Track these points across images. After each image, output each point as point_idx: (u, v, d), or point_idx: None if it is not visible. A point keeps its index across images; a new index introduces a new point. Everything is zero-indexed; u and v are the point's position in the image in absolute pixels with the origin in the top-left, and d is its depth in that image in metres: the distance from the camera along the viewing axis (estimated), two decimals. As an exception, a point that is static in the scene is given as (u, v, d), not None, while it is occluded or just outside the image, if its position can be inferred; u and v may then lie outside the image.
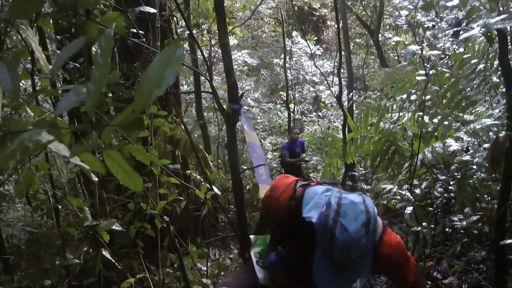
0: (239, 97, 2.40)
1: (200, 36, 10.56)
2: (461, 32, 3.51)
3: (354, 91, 15.22)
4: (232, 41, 10.21)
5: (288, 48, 14.86)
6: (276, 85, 20.28)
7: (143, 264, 4.39)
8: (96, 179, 2.77)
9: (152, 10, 2.54)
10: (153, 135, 4.02)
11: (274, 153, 12.86)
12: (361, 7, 10.92)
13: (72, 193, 4.85)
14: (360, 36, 11.78)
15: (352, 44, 12.88)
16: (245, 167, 8.24)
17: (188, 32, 7.32)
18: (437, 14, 3.53)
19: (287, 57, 14.75)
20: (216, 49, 10.92)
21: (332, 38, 17.24)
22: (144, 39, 2.94)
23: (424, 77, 3.72)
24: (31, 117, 2.63)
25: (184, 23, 7.47)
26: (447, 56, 3.66)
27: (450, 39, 3.64)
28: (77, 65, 3.36)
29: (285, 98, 15.02)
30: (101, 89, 1.05)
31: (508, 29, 3.62)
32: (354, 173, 6.94)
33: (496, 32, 3.53)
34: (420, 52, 3.56)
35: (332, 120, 13.92)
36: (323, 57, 19.99)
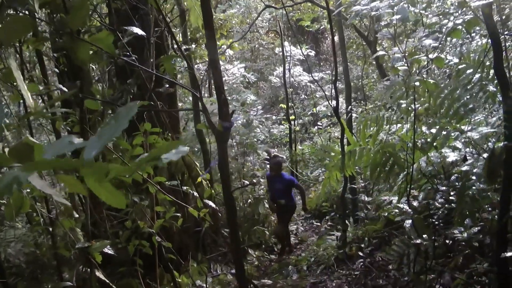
0: (230, 114, 2.38)
1: (198, 51, 10.58)
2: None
3: (355, 102, 15.24)
4: (228, 52, 10.24)
5: (287, 60, 14.91)
6: (277, 97, 20.32)
7: (142, 282, 4.35)
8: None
9: (140, 32, 2.51)
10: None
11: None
12: (358, 18, 10.94)
13: (67, 212, 4.82)
14: (358, 46, 11.78)
15: (351, 54, 12.89)
16: (241, 184, 8.21)
17: (185, 47, 7.34)
18: (416, 22, 3.53)
19: (286, 68, 14.79)
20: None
21: (331, 49, 17.27)
22: (135, 57, 2.92)
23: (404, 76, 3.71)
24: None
25: (181, 38, 7.48)
26: (430, 61, 3.64)
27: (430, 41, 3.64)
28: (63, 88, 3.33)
29: (285, 111, 15.10)
30: (102, 148, 1.05)
31: (502, 38, 3.61)
32: (354, 186, 6.89)
33: (490, 42, 3.52)
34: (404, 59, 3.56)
35: (331, 131, 13.89)
36: (323, 68, 20.06)
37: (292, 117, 14.87)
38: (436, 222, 4.57)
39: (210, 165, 5.07)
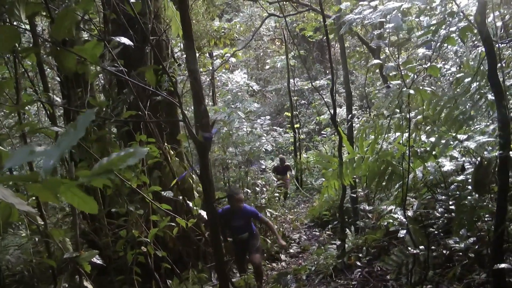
0: (210, 124, 2.37)
1: (202, 59, 10.65)
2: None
3: (360, 110, 15.21)
4: (232, 60, 10.26)
5: (291, 68, 14.93)
6: (283, 105, 20.38)
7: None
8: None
9: (128, 42, 2.51)
10: (144, 161, 4.00)
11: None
12: (360, 26, 10.94)
13: (63, 221, 4.85)
14: (360, 55, 11.76)
15: (354, 63, 12.86)
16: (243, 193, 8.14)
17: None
18: (409, 31, 3.52)
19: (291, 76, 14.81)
20: (218, 73, 11.00)
21: (335, 56, 17.36)
22: (124, 69, 2.93)
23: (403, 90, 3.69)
24: None
25: (182, 46, 7.52)
26: (425, 70, 3.62)
27: (424, 50, 3.64)
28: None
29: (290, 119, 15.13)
30: (61, 155, 1.06)
31: (497, 46, 3.58)
32: (353, 195, 6.85)
33: (484, 50, 3.48)
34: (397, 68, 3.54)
35: (336, 140, 13.87)
36: (329, 75, 20.06)
37: (296, 125, 14.89)
38: (436, 232, 4.52)
39: (184, 174, 5.00)
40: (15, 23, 3.05)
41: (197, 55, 10.54)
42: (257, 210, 6.46)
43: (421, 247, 4.14)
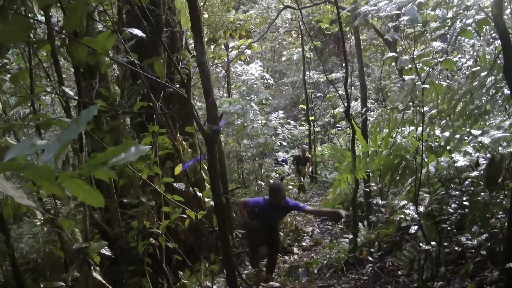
0: (218, 117, 2.36)
1: (217, 51, 10.64)
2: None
3: (376, 103, 15.09)
4: (247, 52, 10.22)
5: (307, 60, 14.84)
6: (298, 98, 20.32)
7: (149, 281, 4.39)
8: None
9: (141, 34, 2.52)
10: (156, 151, 4.02)
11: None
12: (376, 18, 10.83)
13: (77, 210, 4.90)
14: (376, 48, 11.65)
15: (369, 56, 12.75)
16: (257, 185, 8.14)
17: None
18: (424, 24, 3.47)
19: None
20: (234, 64, 10.99)
21: (351, 49, 17.22)
22: (135, 60, 2.93)
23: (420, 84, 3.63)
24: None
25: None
26: (440, 63, 3.56)
27: (440, 43, 3.58)
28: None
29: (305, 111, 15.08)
30: (63, 151, 1.07)
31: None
32: (366, 189, 6.81)
33: (501, 43, 3.41)
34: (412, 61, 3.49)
35: (351, 133, 13.84)
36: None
37: (312, 118, 14.84)
38: (448, 228, 4.47)
39: (189, 162, 4.92)
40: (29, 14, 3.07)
41: (213, 46, 10.51)
42: (298, 202, 6.13)
43: (433, 243, 4.10)
